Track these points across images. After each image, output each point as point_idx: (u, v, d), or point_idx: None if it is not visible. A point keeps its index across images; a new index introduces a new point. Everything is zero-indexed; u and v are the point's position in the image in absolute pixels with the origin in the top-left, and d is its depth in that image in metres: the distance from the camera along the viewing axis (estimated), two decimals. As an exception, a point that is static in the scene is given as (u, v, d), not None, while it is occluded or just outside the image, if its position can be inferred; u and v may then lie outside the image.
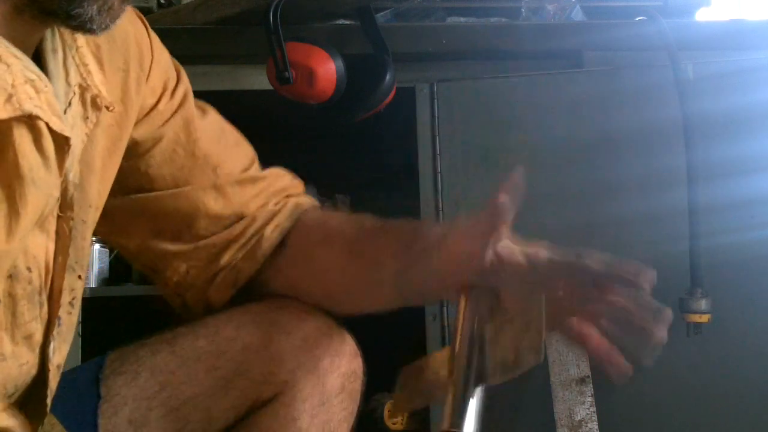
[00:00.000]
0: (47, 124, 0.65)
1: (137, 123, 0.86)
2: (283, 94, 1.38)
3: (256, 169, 0.96)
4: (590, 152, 1.45)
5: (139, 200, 0.89)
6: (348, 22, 1.55)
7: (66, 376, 0.86)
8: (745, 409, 1.38)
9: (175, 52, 1.47)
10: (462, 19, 1.64)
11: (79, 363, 1.41)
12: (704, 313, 1.33)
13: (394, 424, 1.61)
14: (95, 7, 0.63)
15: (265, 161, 0.99)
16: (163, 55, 0.89)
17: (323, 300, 0.92)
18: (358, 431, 0.94)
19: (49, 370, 0.75)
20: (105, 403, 0.85)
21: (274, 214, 0.93)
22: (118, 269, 1.78)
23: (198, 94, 0.94)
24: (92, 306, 1.50)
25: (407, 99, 1.48)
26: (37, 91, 0.64)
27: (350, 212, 0.98)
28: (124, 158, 0.85)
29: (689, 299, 1.33)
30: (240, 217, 0.92)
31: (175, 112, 0.89)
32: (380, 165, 2.00)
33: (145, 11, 1.59)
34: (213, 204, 0.90)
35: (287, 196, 0.96)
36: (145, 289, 1.62)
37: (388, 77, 1.39)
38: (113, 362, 0.88)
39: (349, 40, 1.48)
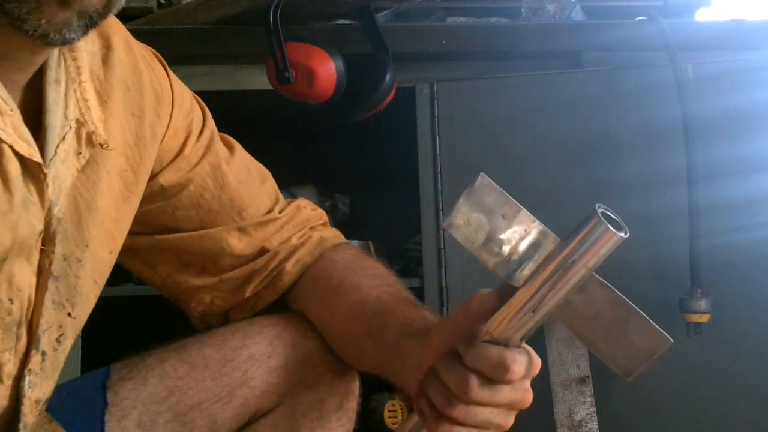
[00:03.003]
0: (12, 147, 0.65)
1: (164, 168, 0.87)
2: (283, 94, 1.38)
3: (280, 205, 0.97)
4: (590, 152, 1.45)
5: (164, 240, 0.90)
6: (348, 22, 1.54)
7: (71, 384, 0.86)
8: (745, 409, 1.38)
9: (175, 52, 1.47)
10: (462, 19, 1.64)
11: (79, 363, 1.41)
12: (704, 313, 1.33)
13: (394, 424, 1.61)
14: (24, 8, 0.60)
15: (266, 161, 0.99)
16: (184, 97, 0.90)
17: (329, 342, 0.93)
18: (358, 431, 0.95)
19: (23, 404, 0.74)
20: (113, 408, 0.85)
21: (296, 249, 0.95)
22: (118, 269, 1.77)
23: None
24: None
25: (407, 99, 1.47)
26: (1, 114, 0.64)
27: (375, 260, 0.99)
28: (151, 201, 0.86)
29: (689, 299, 1.33)
30: (262, 252, 0.94)
31: (202, 157, 0.90)
32: (380, 165, 2.00)
33: (145, 11, 1.59)
34: (237, 243, 0.92)
35: (311, 228, 0.97)
36: (145, 289, 1.62)
37: (388, 77, 1.39)
38: (121, 370, 0.89)
39: (349, 40, 1.48)
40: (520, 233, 0.66)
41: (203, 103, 0.94)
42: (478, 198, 0.65)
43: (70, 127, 0.71)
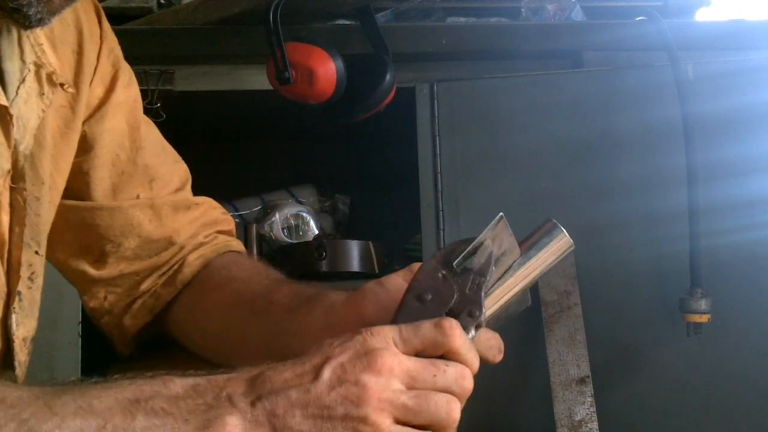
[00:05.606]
0: None
1: (90, 116, 0.86)
2: (283, 94, 1.38)
3: (189, 191, 0.96)
4: (590, 152, 1.45)
5: (74, 208, 0.88)
6: (348, 22, 1.55)
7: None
8: (745, 409, 1.38)
9: (175, 52, 1.48)
10: (462, 19, 1.64)
11: (79, 362, 1.41)
12: (704, 313, 1.33)
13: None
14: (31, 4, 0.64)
15: (266, 161, 0.99)
16: (113, 47, 0.90)
17: (201, 345, 0.92)
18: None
19: (14, 342, 0.76)
20: None
21: (201, 245, 0.94)
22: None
23: (198, 94, 0.95)
24: (92, 306, 1.50)
25: (407, 99, 1.47)
26: None
27: (261, 266, 0.96)
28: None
29: (689, 299, 1.33)
30: (170, 244, 0.92)
31: (125, 114, 0.90)
32: (380, 165, 2.00)
33: (145, 11, 1.59)
34: (147, 224, 0.90)
35: (218, 231, 0.97)
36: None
37: (388, 77, 1.39)
38: (114, 375, 0.90)
39: (349, 40, 1.48)
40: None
41: (130, 69, 0.93)
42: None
43: (29, 70, 0.74)
